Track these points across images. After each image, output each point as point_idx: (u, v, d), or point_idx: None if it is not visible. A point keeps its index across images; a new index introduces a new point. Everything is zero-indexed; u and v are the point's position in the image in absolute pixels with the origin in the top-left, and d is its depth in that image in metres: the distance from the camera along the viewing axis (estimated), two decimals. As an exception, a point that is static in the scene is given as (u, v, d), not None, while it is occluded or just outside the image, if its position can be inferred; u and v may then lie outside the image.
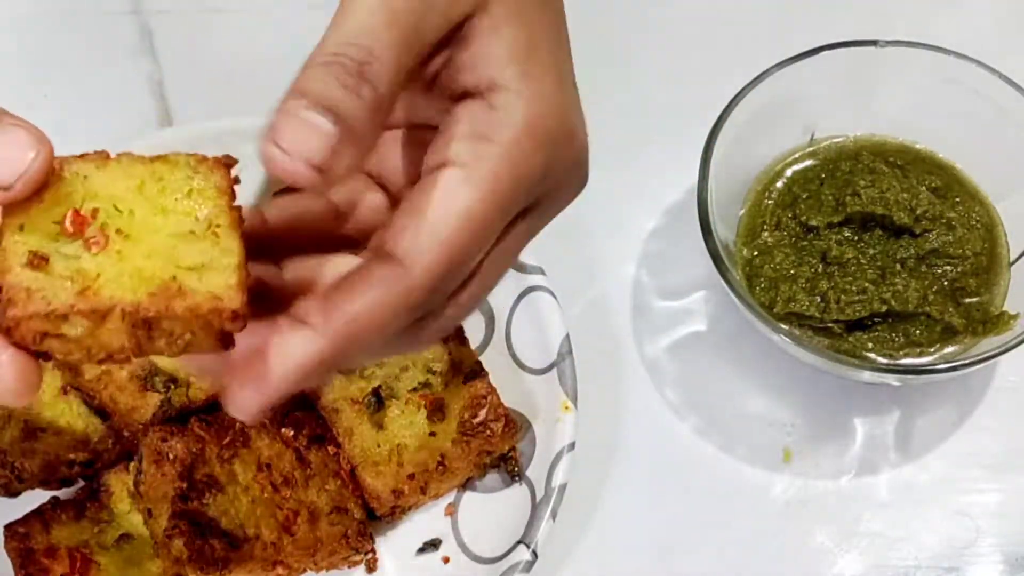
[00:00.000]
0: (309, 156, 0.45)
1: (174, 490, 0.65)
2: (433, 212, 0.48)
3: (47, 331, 0.45)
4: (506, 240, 0.51)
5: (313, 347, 0.46)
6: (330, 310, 0.46)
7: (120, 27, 0.90)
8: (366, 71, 0.47)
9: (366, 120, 0.46)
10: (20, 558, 0.68)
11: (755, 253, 0.77)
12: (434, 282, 0.48)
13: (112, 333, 0.45)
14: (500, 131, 0.49)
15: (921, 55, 0.77)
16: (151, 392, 0.69)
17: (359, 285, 0.47)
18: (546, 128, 0.50)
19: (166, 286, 0.45)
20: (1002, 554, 0.73)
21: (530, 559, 0.69)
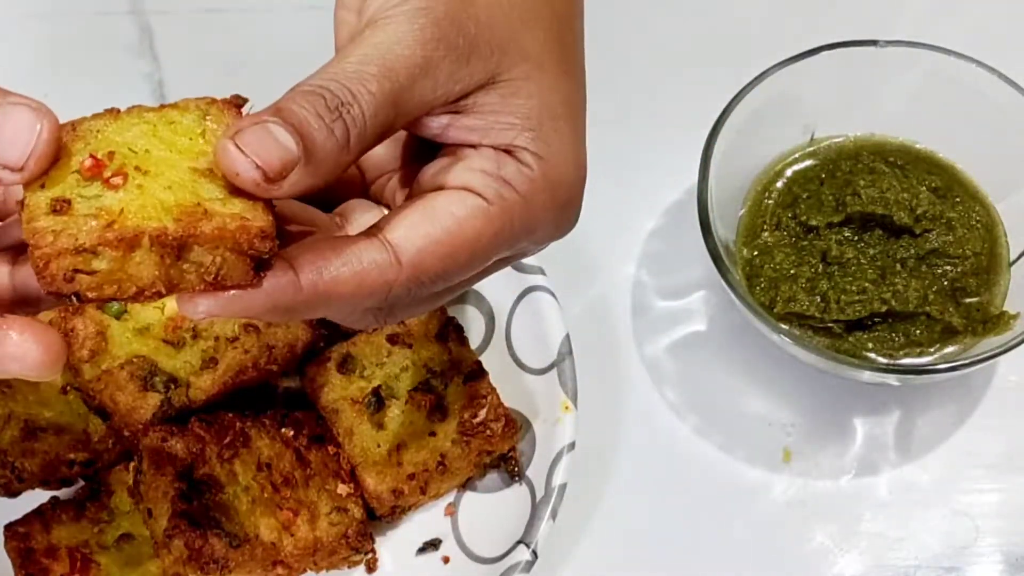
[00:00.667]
0: (262, 162, 0.46)
1: (174, 490, 0.65)
2: (445, 226, 0.50)
3: (77, 267, 0.45)
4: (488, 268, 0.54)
5: (288, 292, 0.48)
6: (318, 266, 0.48)
7: (120, 27, 0.90)
8: (344, 112, 0.48)
9: (330, 155, 0.48)
10: (20, 558, 0.68)
11: (755, 253, 0.77)
12: (417, 284, 0.50)
13: (142, 265, 0.45)
14: (522, 183, 0.52)
15: (921, 55, 0.77)
16: (151, 392, 0.69)
17: (352, 256, 0.49)
18: (558, 193, 0.53)
19: (191, 211, 0.46)
20: (1002, 554, 0.73)
21: (530, 559, 0.69)
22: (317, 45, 0.89)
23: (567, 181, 0.53)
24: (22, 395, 0.72)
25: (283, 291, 0.48)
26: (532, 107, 0.53)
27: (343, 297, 0.49)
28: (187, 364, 0.70)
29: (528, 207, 0.52)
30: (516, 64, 0.53)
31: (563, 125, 0.53)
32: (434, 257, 0.50)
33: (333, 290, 0.48)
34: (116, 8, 0.90)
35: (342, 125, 0.48)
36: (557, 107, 0.53)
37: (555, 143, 0.53)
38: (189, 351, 0.71)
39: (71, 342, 0.70)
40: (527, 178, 0.52)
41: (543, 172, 0.52)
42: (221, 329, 0.71)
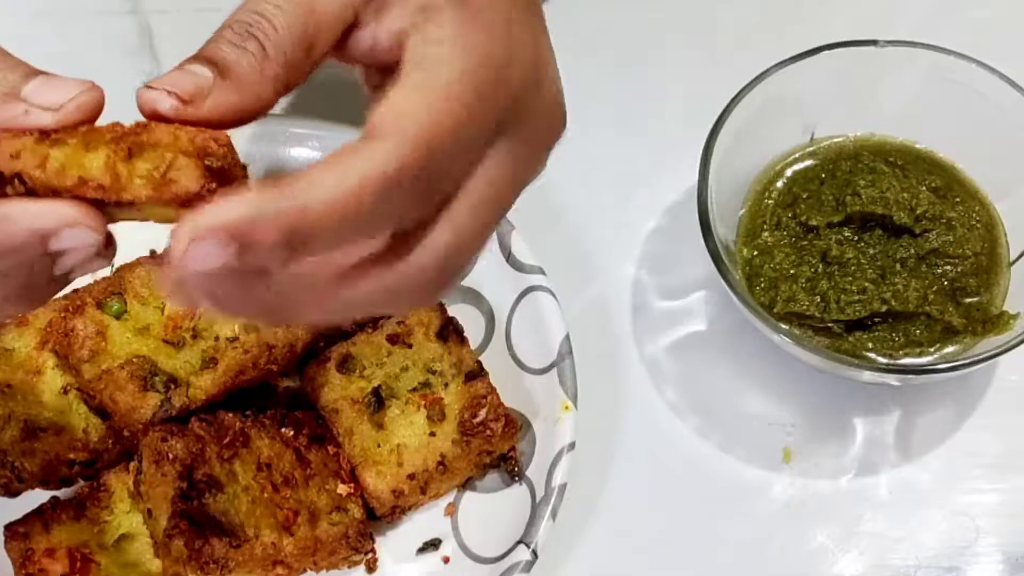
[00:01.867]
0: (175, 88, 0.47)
1: (174, 490, 0.65)
2: (412, 83, 0.47)
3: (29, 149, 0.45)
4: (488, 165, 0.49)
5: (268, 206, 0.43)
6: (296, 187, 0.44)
7: (120, 27, 0.90)
8: (253, 30, 0.49)
9: (248, 69, 0.48)
10: (20, 558, 0.68)
11: (755, 253, 0.77)
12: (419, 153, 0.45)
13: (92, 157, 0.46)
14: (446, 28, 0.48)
15: (921, 55, 0.77)
16: (151, 392, 0.69)
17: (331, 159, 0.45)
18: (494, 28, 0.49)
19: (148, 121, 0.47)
20: (1002, 554, 0.73)
21: (530, 559, 0.69)
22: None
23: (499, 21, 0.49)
24: (22, 395, 0.72)
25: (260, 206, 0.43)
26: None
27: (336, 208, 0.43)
28: (187, 364, 0.70)
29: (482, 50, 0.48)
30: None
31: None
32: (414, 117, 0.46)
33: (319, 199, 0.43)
34: (116, 8, 0.90)
35: (254, 42, 0.48)
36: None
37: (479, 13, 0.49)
38: (189, 351, 0.71)
39: (71, 342, 0.70)
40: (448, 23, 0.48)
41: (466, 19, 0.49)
42: (221, 329, 0.71)
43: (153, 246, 0.75)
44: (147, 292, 0.72)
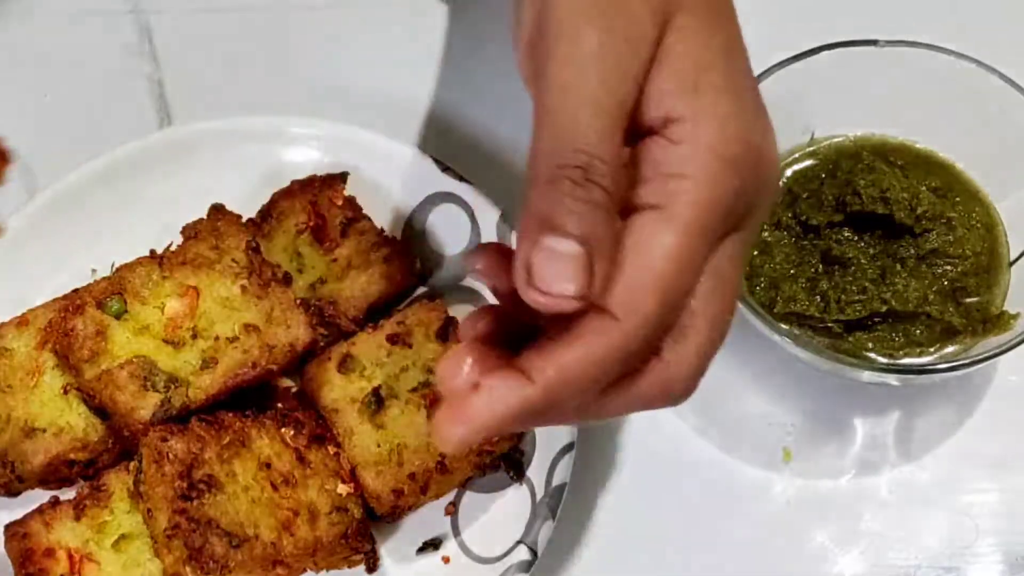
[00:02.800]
0: (570, 291, 0.47)
1: (174, 490, 0.65)
2: (637, 259, 0.48)
3: None
4: (719, 267, 0.51)
5: (522, 394, 0.48)
6: (543, 360, 0.48)
7: (120, 27, 0.90)
8: (591, 174, 0.47)
9: (605, 221, 0.48)
10: (20, 558, 0.68)
11: (755, 253, 0.77)
12: (646, 328, 0.48)
13: None
14: (685, 164, 0.49)
15: (921, 55, 0.77)
16: (151, 392, 0.69)
17: (572, 338, 0.48)
18: (730, 150, 0.50)
19: None
20: (1002, 554, 0.73)
21: (530, 559, 0.69)
22: (317, 45, 0.90)
23: (739, 132, 0.50)
24: (22, 395, 0.72)
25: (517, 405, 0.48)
26: (685, 65, 0.50)
27: (579, 379, 0.48)
28: (187, 364, 0.70)
29: (703, 183, 0.49)
30: (674, 15, 0.50)
31: (721, 75, 0.50)
32: (643, 292, 0.48)
33: (566, 378, 0.48)
34: (116, 8, 0.90)
35: (599, 190, 0.47)
36: (712, 58, 0.50)
37: (712, 97, 0.50)
38: (189, 351, 0.71)
39: (71, 342, 0.70)
40: (690, 156, 0.49)
41: (702, 141, 0.49)
42: (221, 329, 0.71)
43: (153, 246, 0.75)
44: (147, 292, 0.72)
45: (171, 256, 0.73)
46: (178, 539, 0.64)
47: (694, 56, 0.51)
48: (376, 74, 0.87)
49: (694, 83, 0.50)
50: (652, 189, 0.49)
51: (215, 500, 0.66)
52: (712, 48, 0.51)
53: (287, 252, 0.77)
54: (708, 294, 0.51)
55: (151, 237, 0.75)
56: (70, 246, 0.78)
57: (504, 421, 0.48)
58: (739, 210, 0.51)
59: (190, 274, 0.72)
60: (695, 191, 0.49)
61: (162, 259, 0.73)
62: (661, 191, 0.49)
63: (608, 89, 0.49)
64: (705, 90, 0.50)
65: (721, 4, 0.53)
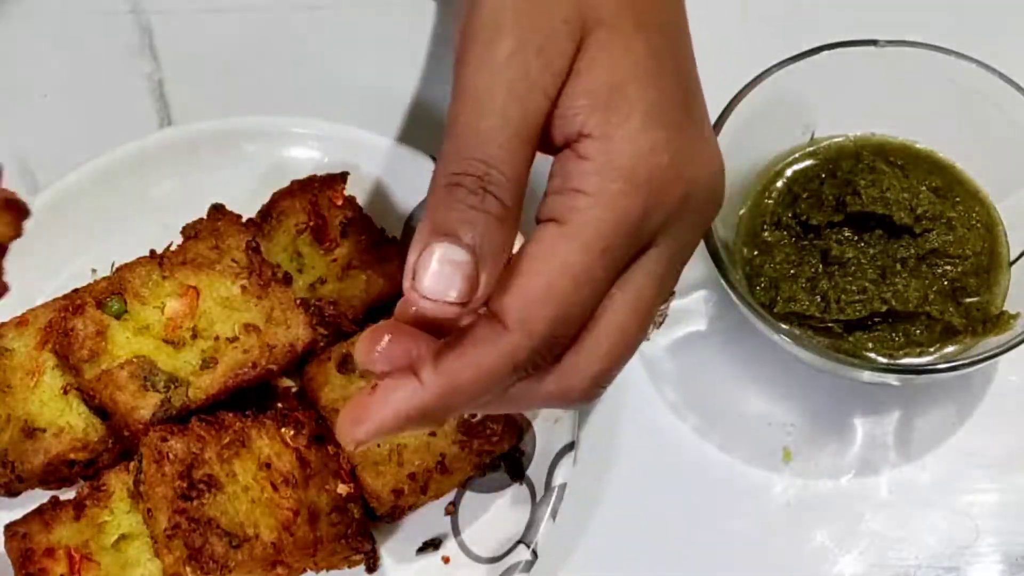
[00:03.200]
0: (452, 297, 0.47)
1: (174, 490, 0.65)
2: (531, 270, 0.49)
3: None
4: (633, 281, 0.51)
5: (415, 399, 0.49)
6: (435, 366, 0.49)
7: (120, 27, 0.90)
8: (487, 183, 0.48)
9: (497, 231, 0.48)
10: (20, 558, 0.68)
11: (755, 253, 0.77)
12: (535, 341, 0.49)
13: None
14: (589, 181, 0.49)
15: (921, 55, 0.77)
16: (151, 392, 0.69)
17: (465, 345, 0.49)
18: (637, 169, 0.50)
19: None
20: (1002, 554, 0.73)
21: (530, 559, 0.69)
22: (317, 45, 0.90)
23: (648, 151, 0.50)
24: (22, 395, 0.72)
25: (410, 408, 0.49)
26: (599, 81, 0.50)
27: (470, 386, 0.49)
28: (187, 364, 0.70)
29: (604, 201, 0.49)
30: (593, 30, 0.50)
31: (633, 91, 0.50)
32: (536, 305, 0.49)
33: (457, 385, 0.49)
34: (116, 8, 0.90)
35: (492, 200, 0.48)
36: (625, 77, 0.50)
37: (620, 117, 0.50)
38: (189, 351, 0.71)
39: (71, 342, 0.70)
40: (594, 172, 0.49)
41: (608, 159, 0.49)
42: (221, 329, 0.71)
43: (153, 246, 0.75)
44: (147, 292, 0.72)
45: (171, 256, 0.73)
46: (178, 539, 0.64)
47: (609, 73, 0.50)
48: (376, 74, 0.87)
49: (606, 100, 0.50)
50: (557, 203, 0.50)
51: (215, 500, 0.66)
52: (629, 64, 0.51)
53: (287, 252, 0.77)
54: (618, 307, 0.51)
55: (151, 237, 0.75)
56: (70, 246, 0.78)
57: (398, 423, 0.50)
58: (649, 228, 0.51)
59: (190, 274, 0.72)
60: (597, 209, 0.49)
61: (162, 259, 0.73)
62: (564, 206, 0.49)
63: (515, 99, 0.49)
64: (617, 107, 0.50)
65: (648, 19, 0.53)
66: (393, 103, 0.85)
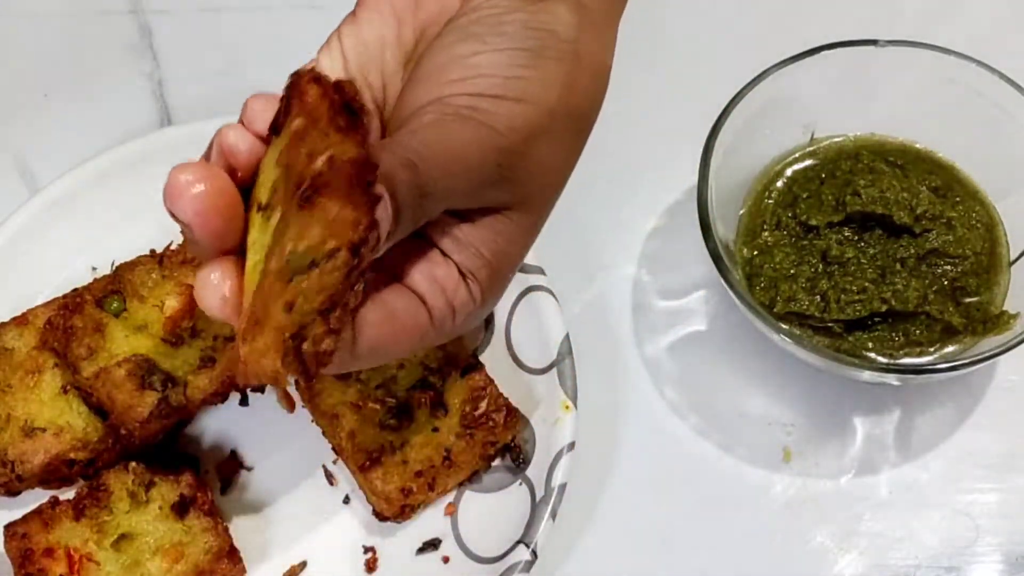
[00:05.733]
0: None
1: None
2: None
3: None
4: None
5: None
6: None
7: (120, 27, 0.90)
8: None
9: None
10: (20, 558, 0.68)
11: (755, 253, 0.77)
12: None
13: None
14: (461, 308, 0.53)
15: (921, 55, 0.77)
16: (148, 391, 0.69)
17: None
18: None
19: None
20: (1002, 554, 0.73)
21: (530, 559, 0.69)
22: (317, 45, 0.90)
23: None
24: (22, 395, 0.72)
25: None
26: (506, 252, 0.54)
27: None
28: (185, 363, 0.70)
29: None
30: (525, 207, 0.54)
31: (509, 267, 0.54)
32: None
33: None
34: (116, 8, 0.90)
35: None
36: (517, 252, 0.54)
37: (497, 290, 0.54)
38: (187, 350, 0.71)
39: (70, 339, 0.70)
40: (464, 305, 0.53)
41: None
42: (220, 328, 0.71)
43: (153, 245, 0.75)
44: (146, 291, 0.72)
45: (171, 255, 0.73)
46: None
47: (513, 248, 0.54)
48: (376, 74, 0.87)
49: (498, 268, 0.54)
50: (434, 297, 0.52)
51: None
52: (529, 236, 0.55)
53: (287, 252, 0.77)
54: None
55: (151, 236, 0.75)
56: (70, 245, 0.78)
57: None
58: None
59: (189, 273, 0.72)
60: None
61: (162, 258, 0.73)
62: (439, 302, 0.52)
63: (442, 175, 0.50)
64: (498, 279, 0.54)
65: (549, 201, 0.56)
66: (393, 103, 0.85)
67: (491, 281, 0.53)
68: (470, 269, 0.53)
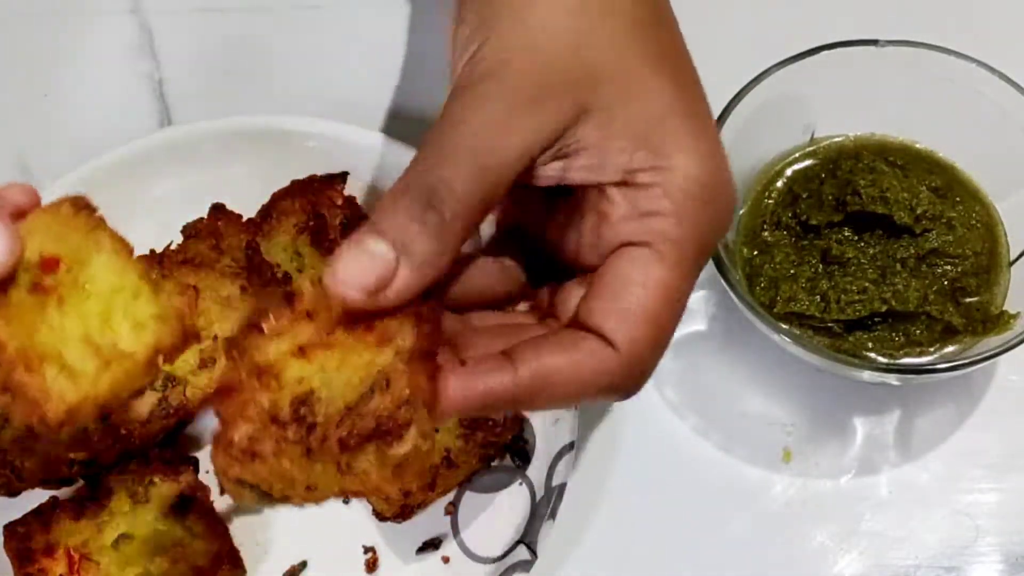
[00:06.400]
0: (362, 284, 0.49)
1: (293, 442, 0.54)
2: (633, 293, 0.51)
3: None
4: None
5: (509, 383, 0.51)
6: (536, 359, 0.51)
7: (120, 27, 0.90)
8: (433, 199, 0.50)
9: (428, 243, 0.49)
10: (19, 558, 0.68)
11: (755, 253, 0.77)
12: (640, 362, 0.52)
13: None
14: (662, 203, 0.52)
15: (921, 55, 0.77)
16: (148, 390, 0.69)
17: (567, 348, 0.51)
18: (698, 186, 0.52)
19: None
20: (1002, 554, 0.73)
21: (530, 559, 0.69)
22: (317, 45, 0.90)
23: (702, 178, 0.53)
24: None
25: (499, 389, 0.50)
26: (635, 124, 0.52)
27: (560, 387, 0.51)
28: (185, 363, 0.70)
29: (687, 223, 0.52)
30: (599, 88, 0.53)
31: (674, 124, 0.53)
32: (645, 330, 0.51)
33: (548, 382, 0.51)
34: (116, 8, 0.90)
35: (434, 214, 0.49)
36: (661, 113, 0.53)
37: (671, 147, 0.52)
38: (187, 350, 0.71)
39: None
40: (664, 197, 0.52)
41: (675, 184, 0.52)
42: (220, 328, 0.71)
43: (153, 245, 0.75)
44: (146, 291, 0.72)
45: (171, 255, 0.73)
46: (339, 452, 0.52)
47: (641, 108, 0.53)
48: (376, 74, 0.87)
49: (645, 137, 0.52)
50: (634, 227, 0.52)
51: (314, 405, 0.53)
52: (655, 104, 0.54)
53: (287, 252, 0.77)
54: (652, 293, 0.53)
55: (151, 236, 0.75)
56: (70, 246, 0.78)
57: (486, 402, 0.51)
58: (713, 239, 0.54)
59: (189, 273, 0.72)
60: (681, 228, 0.52)
61: (162, 258, 0.73)
62: (643, 230, 0.52)
63: (489, 143, 0.51)
64: (661, 140, 0.53)
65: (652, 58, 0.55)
66: (393, 103, 0.85)
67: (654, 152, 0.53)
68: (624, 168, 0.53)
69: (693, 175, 0.52)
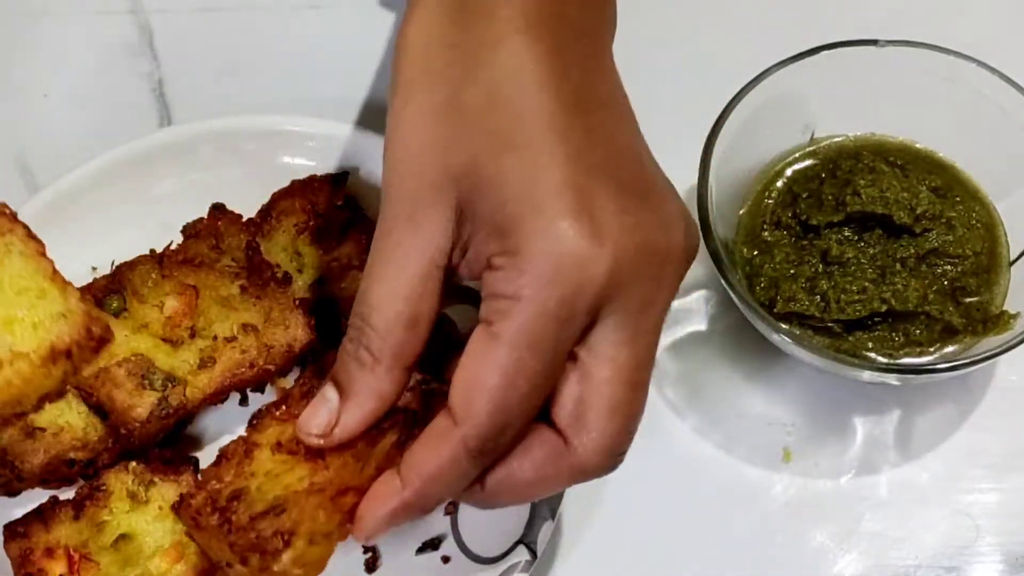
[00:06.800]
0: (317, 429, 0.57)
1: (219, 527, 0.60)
2: (468, 367, 0.54)
3: None
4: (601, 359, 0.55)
5: (398, 498, 0.56)
6: (407, 462, 0.56)
7: (120, 27, 0.90)
8: (361, 337, 0.56)
9: (362, 382, 0.56)
10: (19, 558, 0.68)
11: (755, 253, 0.77)
12: (483, 430, 0.54)
13: None
14: (503, 286, 0.54)
15: (921, 55, 0.77)
16: (148, 390, 0.69)
17: (427, 438, 0.56)
18: (540, 267, 0.53)
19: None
20: (1002, 554, 0.73)
21: (530, 559, 0.69)
22: (317, 45, 0.90)
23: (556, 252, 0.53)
24: (22, 394, 0.72)
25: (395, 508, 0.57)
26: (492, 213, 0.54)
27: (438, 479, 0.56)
28: (185, 363, 0.70)
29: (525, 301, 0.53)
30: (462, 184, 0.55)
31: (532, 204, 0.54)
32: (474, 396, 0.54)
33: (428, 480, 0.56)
34: (116, 8, 0.90)
35: (364, 352, 0.56)
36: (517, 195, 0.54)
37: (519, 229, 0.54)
38: (187, 350, 0.71)
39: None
40: (507, 280, 0.54)
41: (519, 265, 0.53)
42: (220, 328, 0.71)
43: (153, 245, 0.75)
44: (146, 290, 0.72)
45: (171, 255, 0.73)
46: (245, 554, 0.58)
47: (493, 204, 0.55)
48: (376, 74, 0.87)
49: (499, 224, 0.54)
50: (485, 308, 0.55)
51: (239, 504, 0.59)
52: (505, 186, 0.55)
53: (287, 252, 0.77)
54: (599, 382, 0.55)
55: (151, 236, 0.75)
56: (70, 245, 0.78)
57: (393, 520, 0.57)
58: (581, 309, 0.54)
59: (189, 273, 0.72)
60: (516, 308, 0.54)
61: (162, 258, 0.73)
62: (490, 310, 0.55)
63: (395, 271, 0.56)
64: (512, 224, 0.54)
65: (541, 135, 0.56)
66: (393, 103, 0.85)
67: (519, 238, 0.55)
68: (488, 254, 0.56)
69: (540, 251, 0.53)
